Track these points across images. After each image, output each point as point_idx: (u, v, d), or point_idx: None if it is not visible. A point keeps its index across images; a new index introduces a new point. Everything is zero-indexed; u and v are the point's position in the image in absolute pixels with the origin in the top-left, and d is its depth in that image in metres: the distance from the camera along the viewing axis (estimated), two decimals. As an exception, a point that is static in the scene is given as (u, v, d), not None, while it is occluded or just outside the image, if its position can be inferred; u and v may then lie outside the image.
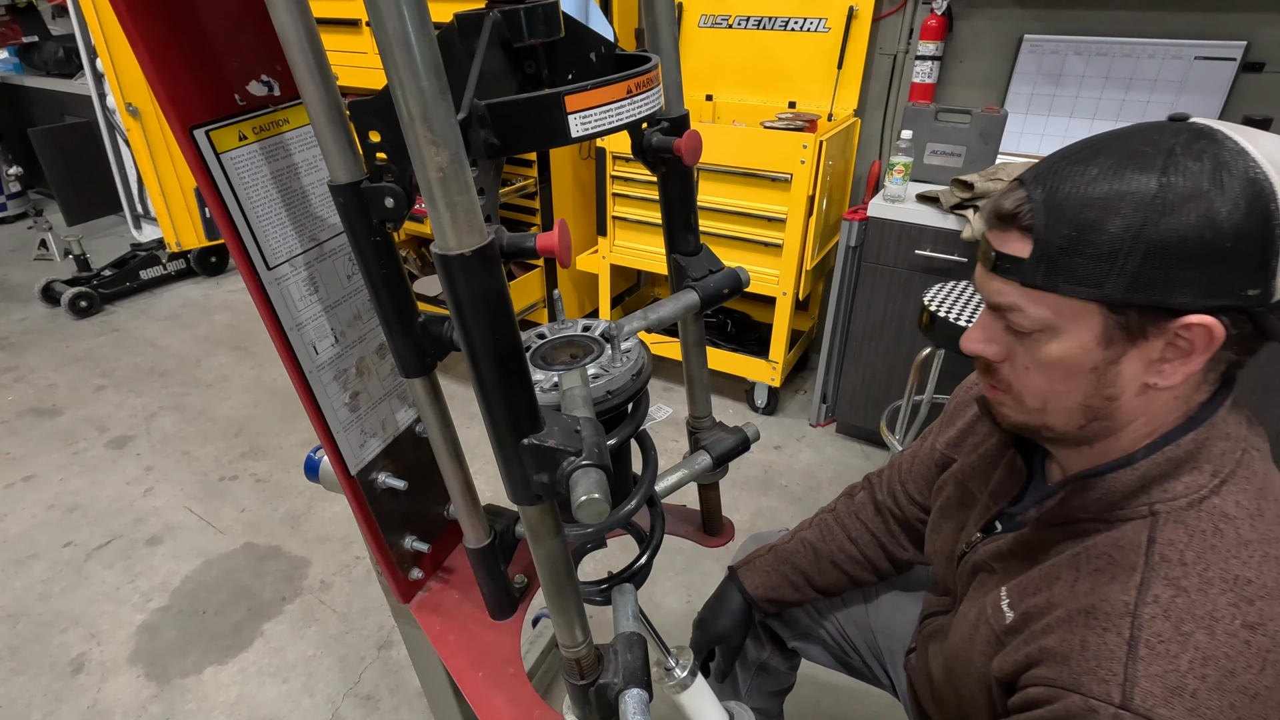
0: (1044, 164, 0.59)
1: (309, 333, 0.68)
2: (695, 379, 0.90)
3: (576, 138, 0.54)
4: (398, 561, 0.82)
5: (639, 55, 0.65)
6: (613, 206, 2.47)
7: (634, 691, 0.65)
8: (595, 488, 0.50)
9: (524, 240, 0.52)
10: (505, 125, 0.52)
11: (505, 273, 0.53)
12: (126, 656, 1.71)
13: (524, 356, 0.52)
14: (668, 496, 0.88)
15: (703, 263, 0.81)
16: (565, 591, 0.62)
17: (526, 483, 0.54)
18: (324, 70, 0.52)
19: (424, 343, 0.61)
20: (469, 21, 0.58)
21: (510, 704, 0.73)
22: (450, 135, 0.43)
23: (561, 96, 0.52)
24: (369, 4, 0.39)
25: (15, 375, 2.87)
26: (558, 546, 0.60)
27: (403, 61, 0.40)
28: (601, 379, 0.66)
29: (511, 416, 0.52)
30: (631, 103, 0.57)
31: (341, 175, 0.55)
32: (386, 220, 0.55)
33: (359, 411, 0.74)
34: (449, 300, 0.49)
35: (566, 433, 0.53)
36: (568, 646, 0.65)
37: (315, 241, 0.68)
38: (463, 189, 0.44)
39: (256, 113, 0.63)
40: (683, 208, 0.79)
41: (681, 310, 0.78)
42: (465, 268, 0.46)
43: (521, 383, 0.52)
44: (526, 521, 0.58)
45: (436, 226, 0.46)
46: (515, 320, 0.50)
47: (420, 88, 0.41)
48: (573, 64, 0.64)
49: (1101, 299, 0.55)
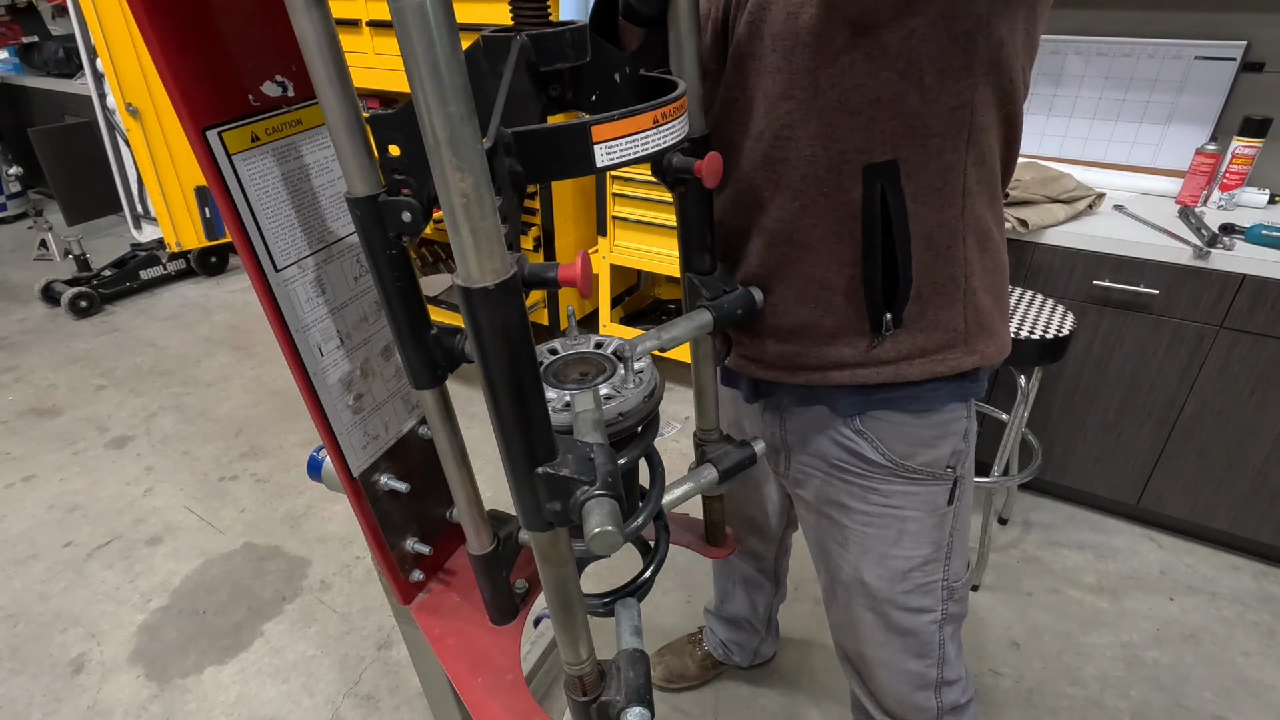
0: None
1: (315, 335, 0.68)
2: (704, 392, 0.90)
3: (602, 168, 0.53)
4: (399, 563, 0.82)
5: (663, 79, 0.64)
6: (613, 206, 2.47)
7: (636, 710, 0.65)
8: (609, 519, 0.50)
9: (546, 271, 0.52)
10: (530, 154, 0.52)
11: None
12: (126, 656, 1.72)
13: (542, 388, 0.51)
14: (674, 508, 0.88)
15: (717, 283, 0.81)
16: (572, 611, 0.62)
17: (539, 510, 0.54)
18: (346, 85, 0.51)
19: (436, 355, 0.61)
20: (495, 43, 0.58)
21: (508, 711, 0.73)
22: (475, 161, 0.42)
23: (589, 126, 0.52)
24: (399, 27, 0.39)
25: (15, 375, 2.87)
26: (568, 572, 0.60)
27: (431, 86, 0.40)
28: (614, 400, 0.66)
29: (527, 446, 0.52)
30: (657, 132, 0.57)
31: (359, 188, 0.54)
32: (403, 234, 0.55)
33: (363, 413, 0.74)
34: (470, 331, 0.48)
35: (580, 461, 0.53)
36: (571, 664, 0.65)
37: (324, 244, 0.68)
38: (486, 214, 0.44)
39: (270, 114, 0.63)
40: (700, 227, 0.78)
41: (694, 330, 0.78)
42: (488, 300, 0.46)
43: (539, 413, 0.51)
44: (537, 546, 0.58)
45: (459, 254, 0.45)
46: (535, 352, 0.50)
47: (448, 113, 0.40)
48: (596, 85, 0.64)
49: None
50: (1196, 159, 1.85)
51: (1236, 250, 1.61)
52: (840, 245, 0.78)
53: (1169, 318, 1.73)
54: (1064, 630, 1.76)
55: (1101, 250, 1.73)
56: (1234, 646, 1.71)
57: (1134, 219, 1.81)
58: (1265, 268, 1.58)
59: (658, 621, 1.79)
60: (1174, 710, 1.56)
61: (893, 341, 0.82)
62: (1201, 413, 1.79)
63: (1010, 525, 2.08)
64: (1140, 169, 2.04)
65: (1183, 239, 1.66)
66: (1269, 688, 1.62)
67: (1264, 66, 1.85)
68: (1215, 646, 1.71)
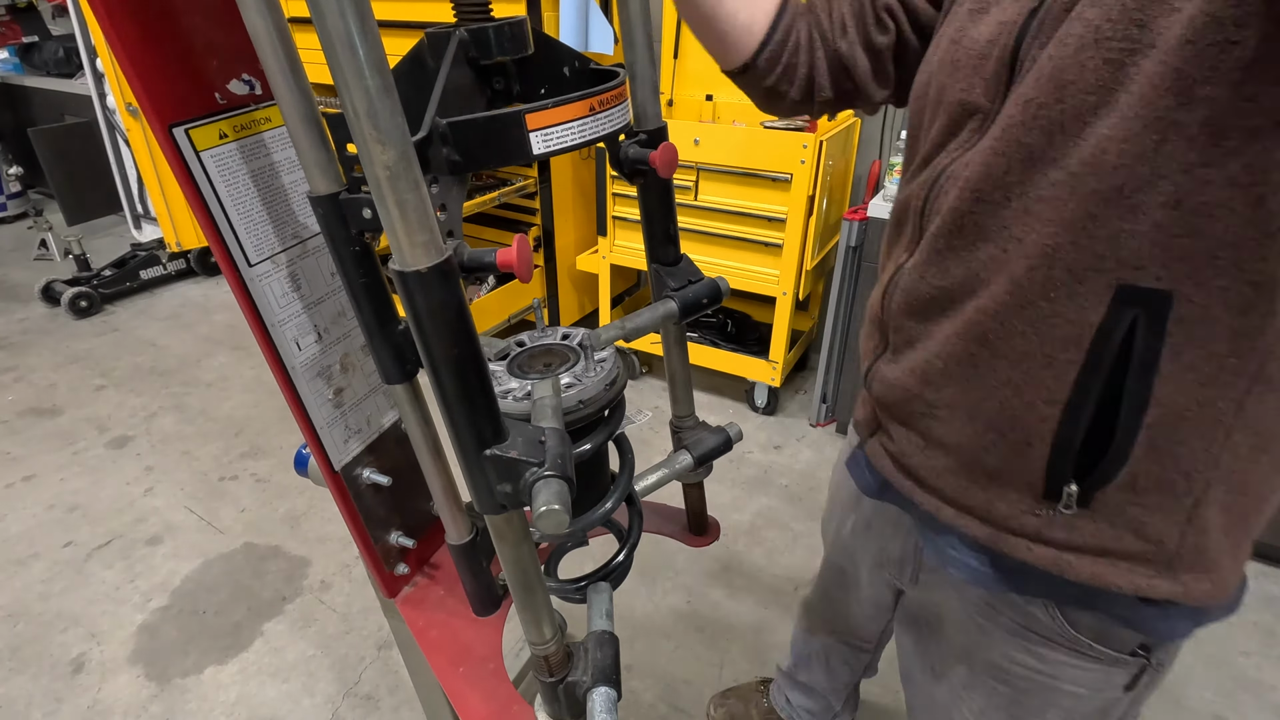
0: None
1: (291, 329, 0.68)
2: (677, 377, 0.90)
3: (538, 155, 0.54)
4: (383, 557, 0.82)
5: (611, 70, 0.65)
6: (613, 206, 2.47)
7: (602, 689, 0.66)
8: (555, 499, 0.50)
9: (484, 256, 0.53)
10: (466, 142, 0.53)
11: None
12: (126, 656, 1.72)
13: (485, 369, 0.52)
14: (649, 495, 0.88)
15: (682, 273, 0.82)
16: (532, 589, 0.63)
17: (490, 492, 0.55)
18: (303, 87, 0.52)
19: (405, 350, 0.62)
20: (438, 39, 0.59)
21: (487, 700, 0.74)
22: (396, 133, 0.43)
23: (522, 115, 0.53)
24: (312, 6, 0.39)
25: (15, 375, 2.88)
26: (525, 551, 0.61)
27: (346, 60, 0.40)
28: (574, 388, 0.67)
29: (474, 428, 0.52)
30: (594, 120, 0.57)
31: (320, 187, 0.55)
32: (365, 230, 0.56)
33: (343, 408, 0.74)
34: (409, 315, 0.49)
35: (530, 444, 0.54)
36: (536, 644, 0.66)
37: (298, 239, 0.68)
38: (411, 187, 0.44)
39: (237, 111, 0.63)
40: (662, 219, 0.79)
41: (659, 320, 0.78)
42: (423, 284, 0.47)
43: (484, 394, 0.52)
44: (492, 528, 0.59)
45: (391, 233, 0.46)
46: (475, 333, 0.51)
47: (365, 86, 0.41)
48: (545, 79, 0.65)
49: None
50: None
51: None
52: (1046, 372, 0.58)
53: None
54: (1065, 627, 1.74)
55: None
56: (1234, 646, 1.70)
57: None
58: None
59: (658, 622, 1.78)
60: (1174, 710, 1.55)
61: (1067, 523, 0.62)
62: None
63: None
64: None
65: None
66: (1269, 688, 1.60)
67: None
68: (1215, 646, 1.70)
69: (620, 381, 0.71)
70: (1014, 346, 0.59)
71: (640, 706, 1.59)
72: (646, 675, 1.64)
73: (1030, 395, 0.59)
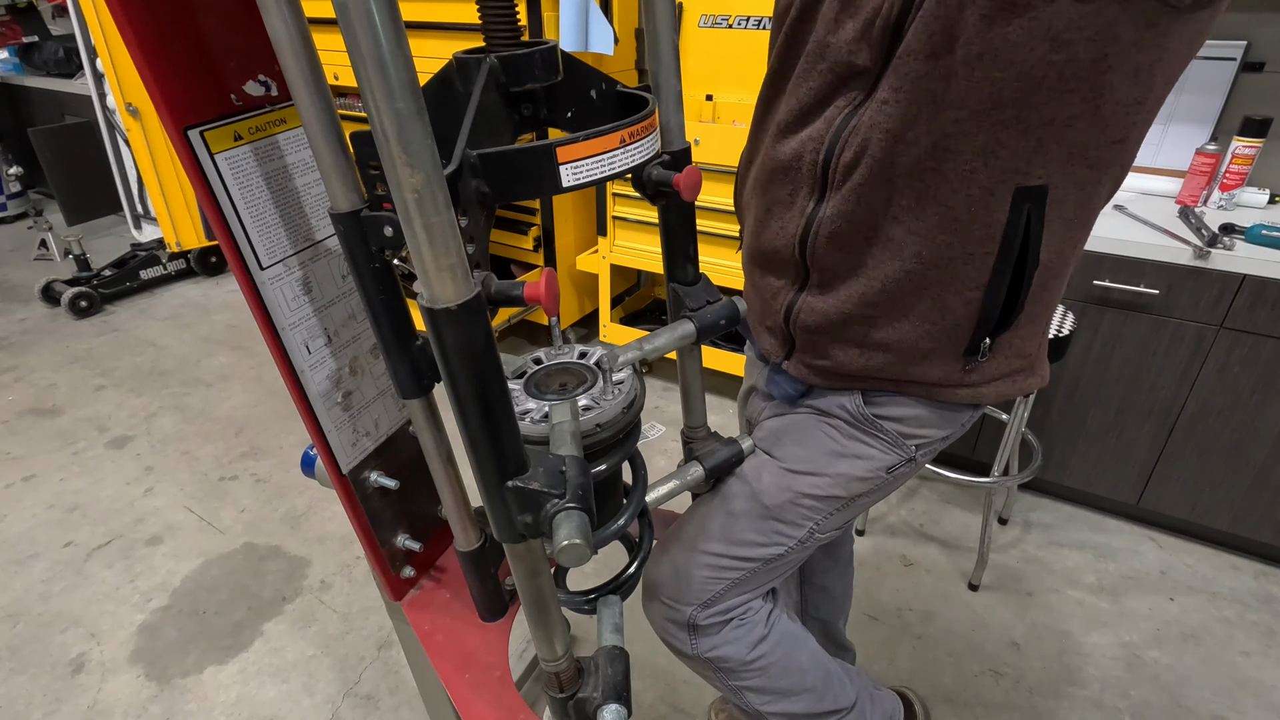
0: None
1: (301, 332, 0.68)
2: (690, 389, 0.90)
3: (568, 188, 0.54)
4: (389, 559, 0.82)
5: (640, 95, 0.64)
6: (613, 206, 2.47)
7: (612, 707, 0.65)
8: (577, 533, 0.50)
9: (512, 289, 0.53)
10: (497, 175, 0.52)
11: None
12: (126, 656, 1.72)
13: (510, 403, 0.52)
14: (659, 505, 0.88)
15: (700, 293, 0.81)
16: (546, 609, 0.63)
17: (510, 523, 0.54)
18: (328, 106, 0.51)
19: (421, 365, 0.61)
20: (467, 65, 0.58)
21: (492, 708, 0.74)
22: (426, 156, 0.42)
23: (553, 148, 0.52)
24: (343, 24, 0.39)
25: (15, 375, 2.88)
26: (544, 580, 0.60)
27: (377, 82, 0.40)
28: (592, 412, 0.66)
29: (497, 461, 0.52)
30: (625, 151, 0.57)
31: (342, 204, 0.54)
32: (386, 248, 0.55)
33: (351, 411, 0.74)
34: (435, 350, 0.49)
35: (551, 474, 0.53)
36: (547, 660, 0.65)
37: (310, 242, 0.68)
38: (439, 210, 0.43)
39: (252, 113, 0.63)
40: (683, 239, 0.78)
41: (678, 340, 0.78)
42: (452, 321, 0.46)
43: (507, 428, 0.52)
44: (511, 555, 0.58)
45: (415, 252, 0.45)
46: (501, 367, 0.50)
47: (395, 109, 0.40)
48: (572, 102, 0.64)
49: None
50: (1197, 159, 1.84)
51: (1236, 250, 1.60)
52: (968, 268, 0.73)
53: (1169, 318, 1.72)
54: (1064, 630, 1.75)
55: (1101, 250, 1.72)
56: (1234, 646, 1.71)
57: (1134, 219, 1.80)
58: (1265, 268, 1.57)
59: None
60: (1174, 710, 1.56)
61: (979, 368, 0.80)
62: (1202, 413, 1.78)
63: (1010, 525, 2.08)
64: (1140, 169, 2.04)
65: (1183, 239, 1.66)
66: (1269, 688, 1.61)
67: (1264, 66, 1.85)
68: (1215, 646, 1.70)
69: (638, 404, 0.71)
70: (942, 255, 0.73)
71: (641, 706, 1.59)
72: (647, 675, 1.64)
73: (957, 287, 0.75)
